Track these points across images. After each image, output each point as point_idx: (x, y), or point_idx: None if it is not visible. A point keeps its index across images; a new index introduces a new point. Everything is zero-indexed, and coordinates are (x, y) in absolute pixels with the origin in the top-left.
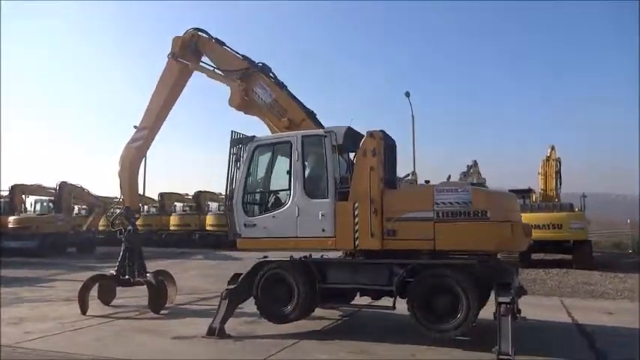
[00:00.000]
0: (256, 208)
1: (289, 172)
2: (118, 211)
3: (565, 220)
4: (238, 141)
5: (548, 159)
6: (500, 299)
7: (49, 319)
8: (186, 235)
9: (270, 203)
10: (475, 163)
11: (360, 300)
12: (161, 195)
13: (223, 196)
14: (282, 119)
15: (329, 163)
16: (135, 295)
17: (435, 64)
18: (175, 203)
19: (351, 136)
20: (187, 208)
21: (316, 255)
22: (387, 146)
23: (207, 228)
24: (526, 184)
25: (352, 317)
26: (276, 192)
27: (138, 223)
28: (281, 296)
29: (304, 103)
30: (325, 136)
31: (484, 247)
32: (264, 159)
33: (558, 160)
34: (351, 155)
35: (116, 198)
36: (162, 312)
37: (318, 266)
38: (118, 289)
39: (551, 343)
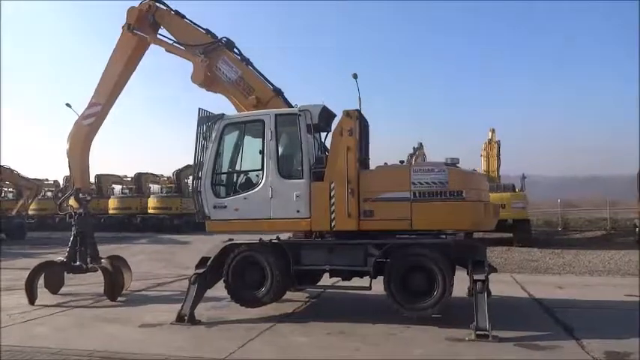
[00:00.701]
0: (226, 189)
1: (262, 152)
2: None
3: (509, 200)
4: (206, 119)
5: (490, 142)
6: (476, 277)
7: None
8: (126, 219)
9: (241, 184)
10: (421, 145)
11: (327, 281)
12: (97, 177)
13: (166, 178)
14: (248, 97)
15: (304, 142)
16: (83, 283)
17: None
18: (113, 185)
19: (325, 116)
20: (127, 191)
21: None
22: (363, 127)
23: (150, 211)
24: (469, 166)
25: (320, 299)
26: (248, 172)
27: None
28: (253, 279)
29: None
30: (300, 115)
31: (460, 226)
32: (233, 138)
33: (498, 143)
34: (322, 135)
35: (47, 180)
36: (119, 299)
37: (292, 248)
38: (66, 276)
39: (519, 318)
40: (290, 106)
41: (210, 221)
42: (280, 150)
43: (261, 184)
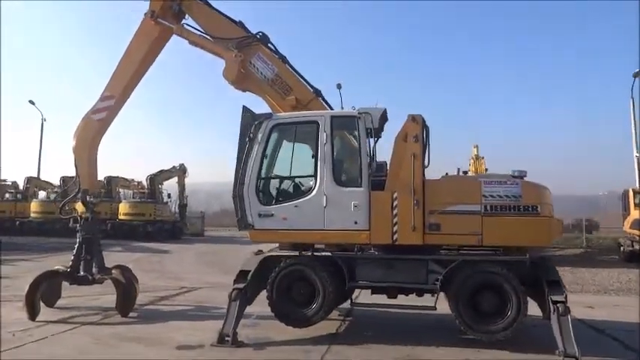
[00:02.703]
0: (273, 196)
1: (314, 157)
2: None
3: None
4: (252, 118)
5: (476, 157)
6: (555, 298)
7: None
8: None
9: (290, 191)
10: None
11: (368, 298)
12: (63, 179)
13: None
14: (286, 97)
15: (363, 148)
16: (76, 294)
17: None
18: None
19: (382, 120)
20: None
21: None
22: (426, 132)
23: (121, 217)
24: None
25: (356, 316)
26: (299, 178)
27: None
28: (301, 296)
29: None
30: (359, 118)
31: (534, 242)
32: (282, 140)
33: (482, 158)
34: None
35: (5, 181)
36: (130, 315)
37: (347, 262)
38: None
39: (584, 342)
40: (330, 108)
41: (254, 230)
42: (335, 155)
43: (314, 192)
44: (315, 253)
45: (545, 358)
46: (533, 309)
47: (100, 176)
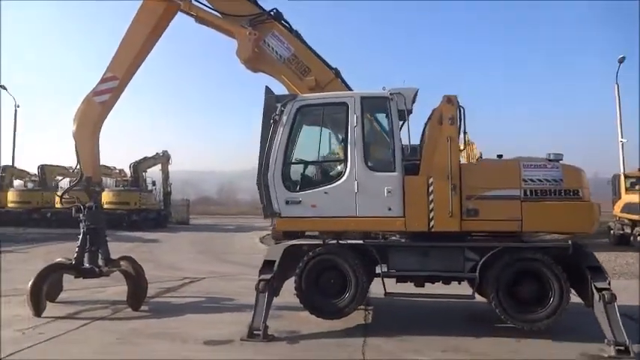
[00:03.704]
0: (300, 181)
1: (344, 140)
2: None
3: None
4: (275, 99)
5: (467, 143)
6: (599, 285)
7: None
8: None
9: (319, 176)
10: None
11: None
12: (41, 167)
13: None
14: (304, 78)
15: (395, 130)
16: (74, 287)
17: None
18: (58, 177)
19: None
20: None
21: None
22: (462, 114)
23: (105, 206)
24: None
25: (377, 306)
26: (328, 163)
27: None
28: (331, 286)
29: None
30: (391, 99)
31: (576, 229)
32: (309, 122)
33: (474, 144)
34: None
35: None
36: (142, 309)
37: (380, 251)
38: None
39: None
40: (349, 89)
41: (281, 219)
42: (366, 138)
43: (345, 177)
44: (341, 241)
45: (591, 346)
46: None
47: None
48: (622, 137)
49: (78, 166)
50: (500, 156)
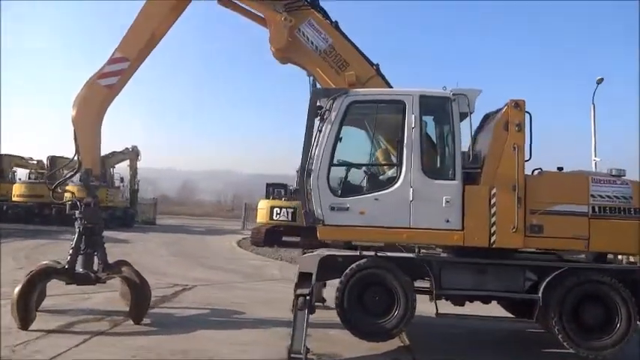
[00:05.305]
0: (348, 186)
1: (400, 142)
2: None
3: None
4: (324, 93)
5: None
6: None
7: None
8: (36, 209)
9: (369, 181)
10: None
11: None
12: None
13: None
14: (343, 73)
15: (457, 135)
16: (53, 293)
17: None
18: (16, 168)
19: None
20: (32, 176)
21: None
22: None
23: (15, 199)
24: None
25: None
26: (380, 167)
27: None
28: (376, 304)
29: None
30: (454, 100)
31: None
32: (360, 121)
33: None
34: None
35: None
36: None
37: (433, 267)
38: None
39: None
40: (390, 86)
41: (325, 227)
42: (424, 141)
43: (399, 183)
44: (380, 254)
45: None
46: None
47: (39, 155)
48: (595, 156)
49: (76, 157)
50: (560, 168)
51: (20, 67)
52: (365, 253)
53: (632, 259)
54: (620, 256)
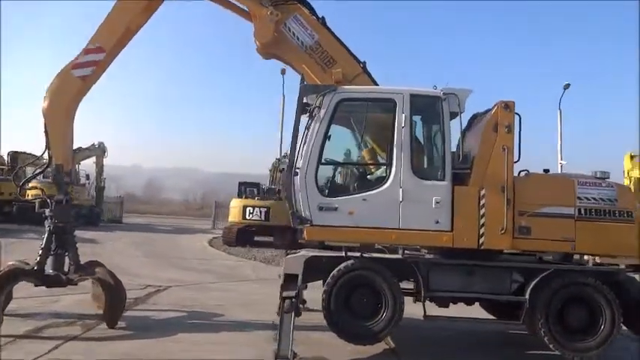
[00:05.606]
0: (336, 185)
1: (390, 141)
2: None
3: None
4: (313, 90)
5: None
6: None
7: None
8: None
9: (358, 180)
10: None
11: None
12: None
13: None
14: (329, 70)
15: (447, 134)
16: (23, 296)
17: None
18: None
19: None
20: None
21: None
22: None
23: (30, 199)
24: None
25: None
26: (369, 166)
27: None
28: (363, 307)
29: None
30: (444, 100)
31: (628, 252)
32: (349, 118)
33: None
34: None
35: None
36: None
37: (421, 268)
38: None
39: None
40: (376, 84)
41: (312, 227)
42: (414, 141)
43: (388, 184)
44: (365, 254)
45: None
46: None
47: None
48: (562, 159)
49: (46, 152)
50: (546, 170)
51: None
52: (350, 254)
53: (597, 259)
54: (585, 257)
